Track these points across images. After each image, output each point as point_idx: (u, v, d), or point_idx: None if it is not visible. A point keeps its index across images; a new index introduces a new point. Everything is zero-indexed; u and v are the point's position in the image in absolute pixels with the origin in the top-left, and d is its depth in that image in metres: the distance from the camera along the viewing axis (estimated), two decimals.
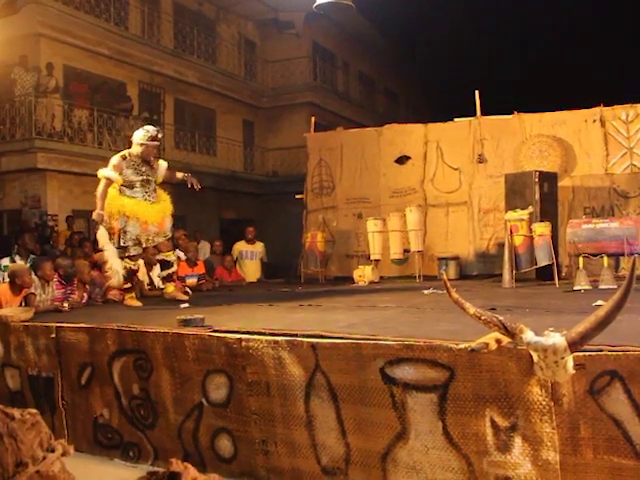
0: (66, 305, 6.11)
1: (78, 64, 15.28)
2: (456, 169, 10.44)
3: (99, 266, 7.45)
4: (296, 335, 3.74)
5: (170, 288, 6.86)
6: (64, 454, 2.60)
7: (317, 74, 22.11)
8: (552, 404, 2.98)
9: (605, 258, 7.07)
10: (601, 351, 2.94)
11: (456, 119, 10.82)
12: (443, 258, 9.79)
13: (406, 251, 9.77)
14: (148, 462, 4.30)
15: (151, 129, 6.61)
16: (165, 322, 4.61)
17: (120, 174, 6.39)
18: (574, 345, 2.85)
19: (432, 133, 10.74)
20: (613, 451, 2.89)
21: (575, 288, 6.81)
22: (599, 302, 4.26)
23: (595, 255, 7.18)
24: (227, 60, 20.03)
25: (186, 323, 4.35)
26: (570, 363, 2.88)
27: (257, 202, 20.32)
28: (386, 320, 4.71)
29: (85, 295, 6.95)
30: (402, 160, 10.92)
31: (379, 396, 3.40)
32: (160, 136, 6.71)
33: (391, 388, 3.35)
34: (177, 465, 2.40)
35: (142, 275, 8.17)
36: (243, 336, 3.89)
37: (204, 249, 11.14)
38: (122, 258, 6.46)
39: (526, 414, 3.03)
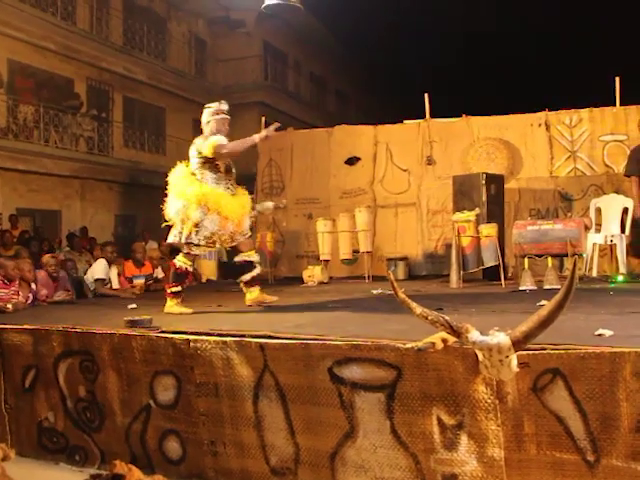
0: (10, 306, 5.97)
1: (23, 58, 14.93)
2: (405, 170, 10.55)
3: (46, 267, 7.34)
4: (244, 336, 3.74)
5: (254, 293, 5.82)
6: (4, 459, 2.55)
7: (268, 73, 22.07)
8: (497, 402, 3.04)
9: (549, 259, 7.22)
10: (544, 350, 3.00)
11: (405, 121, 10.94)
12: (392, 259, 9.88)
13: (355, 252, 9.82)
14: (95, 466, 4.23)
15: (213, 104, 5.84)
16: (112, 323, 4.54)
17: None
18: (518, 344, 2.91)
19: (382, 134, 10.83)
20: (555, 446, 2.97)
21: (520, 288, 6.94)
22: (543, 302, 4.35)
23: (540, 256, 7.33)
24: (177, 58, 19.84)
25: (133, 324, 4.30)
26: (514, 362, 2.94)
27: None
28: (334, 320, 4.73)
29: (30, 296, 6.79)
30: (352, 161, 10.97)
31: (327, 396, 3.41)
32: (225, 108, 5.86)
33: (339, 388, 3.37)
34: (121, 467, 2.37)
35: (103, 274, 8.04)
36: (191, 337, 3.86)
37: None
38: (177, 253, 5.74)
39: (472, 412, 3.08)
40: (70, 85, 16.28)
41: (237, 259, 5.91)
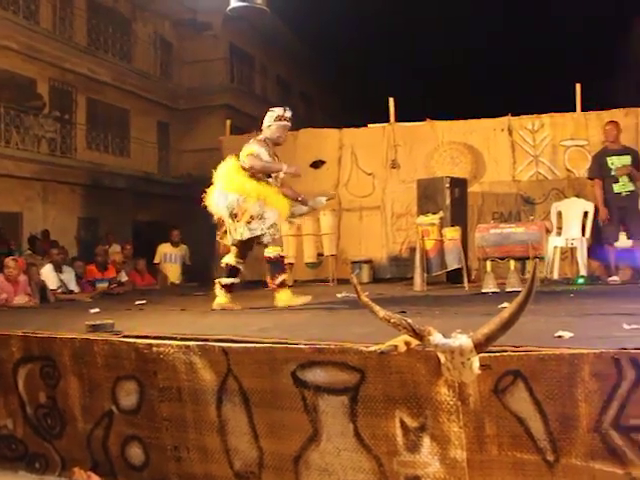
0: None
1: None
2: (370, 174, 10.60)
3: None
4: (207, 340, 3.72)
5: (225, 299, 5.91)
6: None
7: (234, 76, 21.99)
8: (459, 404, 3.06)
9: (512, 262, 7.30)
10: (505, 352, 3.03)
11: (370, 125, 11.00)
12: (356, 262, 9.91)
13: (320, 255, 9.83)
14: (55, 473, 4.15)
15: (277, 109, 6.00)
16: (74, 327, 4.48)
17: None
18: (480, 346, 2.93)
19: (347, 138, 10.87)
20: (516, 447, 2.99)
21: (483, 291, 7.01)
22: (504, 304, 4.40)
23: (502, 259, 7.42)
24: (142, 59, 19.65)
25: (95, 328, 4.25)
26: (476, 364, 2.96)
27: (172, 204, 20.00)
28: (298, 324, 4.73)
29: None
30: (317, 164, 10.99)
31: (291, 400, 3.40)
32: (289, 115, 5.98)
33: (303, 391, 3.37)
34: (80, 474, 2.34)
35: (52, 278, 7.93)
36: (154, 341, 3.82)
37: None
38: (258, 244, 5.82)
39: (434, 414, 3.10)
40: (32, 86, 16.03)
41: (226, 260, 5.98)
